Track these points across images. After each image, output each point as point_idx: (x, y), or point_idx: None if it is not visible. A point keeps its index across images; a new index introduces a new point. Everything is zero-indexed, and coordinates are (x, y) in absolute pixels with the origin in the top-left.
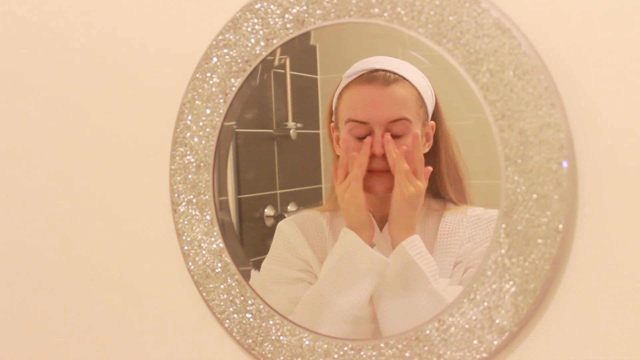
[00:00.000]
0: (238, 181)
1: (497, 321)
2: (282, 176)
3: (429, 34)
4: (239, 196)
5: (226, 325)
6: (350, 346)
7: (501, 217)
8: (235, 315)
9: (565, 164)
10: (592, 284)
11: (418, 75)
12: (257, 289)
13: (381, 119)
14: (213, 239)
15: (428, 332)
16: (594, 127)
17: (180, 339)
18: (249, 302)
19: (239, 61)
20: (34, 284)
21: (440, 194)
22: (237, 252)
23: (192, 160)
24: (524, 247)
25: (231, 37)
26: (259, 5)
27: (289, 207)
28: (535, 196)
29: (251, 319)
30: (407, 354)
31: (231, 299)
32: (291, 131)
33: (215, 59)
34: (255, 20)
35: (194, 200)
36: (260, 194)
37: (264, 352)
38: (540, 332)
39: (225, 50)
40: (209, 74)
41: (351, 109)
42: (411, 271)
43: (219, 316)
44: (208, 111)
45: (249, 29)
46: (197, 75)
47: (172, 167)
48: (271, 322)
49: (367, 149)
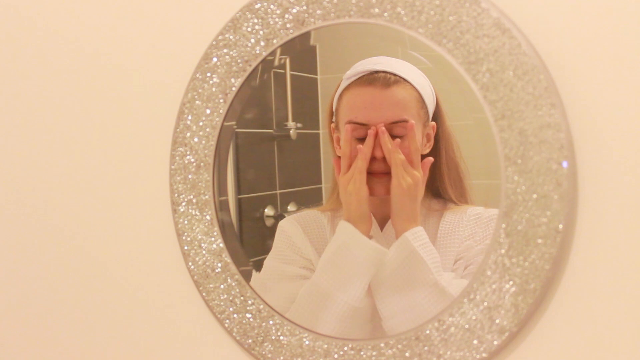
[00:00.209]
0: (238, 181)
1: (497, 321)
2: (282, 176)
3: (429, 34)
4: (239, 196)
5: (226, 325)
6: (350, 346)
7: (501, 217)
8: (235, 315)
9: (565, 164)
10: (592, 284)
11: (419, 76)
12: (257, 289)
13: (381, 121)
14: (213, 239)
15: (428, 332)
16: (594, 127)
17: (180, 339)
18: (249, 302)
19: (239, 61)
20: (33, 283)
21: (441, 194)
22: (237, 252)
23: (192, 160)
24: (524, 247)
25: (231, 37)
26: (259, 5)
27: (289, 207)
28: (535, 196)
29: (251, 319)
30: (407, 354)
31: (231, 299)
32: (291, 131)
33: (215, 59)
34: (255, 20)
35: (194, 200)
36: (260, 194)
37: (264, 352)
38: (540, 332)
39: (225, 50)
40: (209, 74)
41: (351, 110)
42: (414, 262)
43: (219, 316)
44: (208, 111)
45: (249, 29)
46: (197, 75)
47: (172, 167)
48: (271, 322)
49: (372, 140)
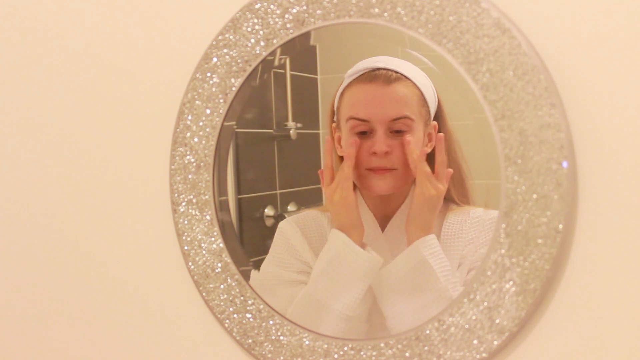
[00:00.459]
0: (238, 181)
1: (497, 321)
2: (282, 176)
3: (429, 34)
4: (239, 196)
5: (226, 325)
6: (350, 346)
7: (501, 217)
8: (235, 315)
9: (565, 164)
10: (592, 284)
11: (420, 75)
12: (257, 289)
13: (383, 117)
14: (213, 239)
15: (428, 332)
16: (594, 127)
17: (180, 339)
18: (249, 302)
19: (239, 61)
20: (33, 283)
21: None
22: (237, 252)
23: (192, 160)
24: (524, 247)
25: (231, 37)
26: (259, 5)
27: (289, 207)
28: (535, 196)
29: (251, 319)
30: (407, 354)
31: (231, 299)
32: (291, 131)
33: (215, 59)
34: (255, 20)
35: (194, 200)
36: (260, 194)
37: (264, 352)
38: (540, 332)
39: (225, 50)
40: (209, 74)
41: (353, 107)
42: (423, 270)
43: (219, 316)
44: (208, 111)
45: (249, 29)
46: (197, 75)
47: (172, 167)
48: (271, 322)
49: (353, 150)
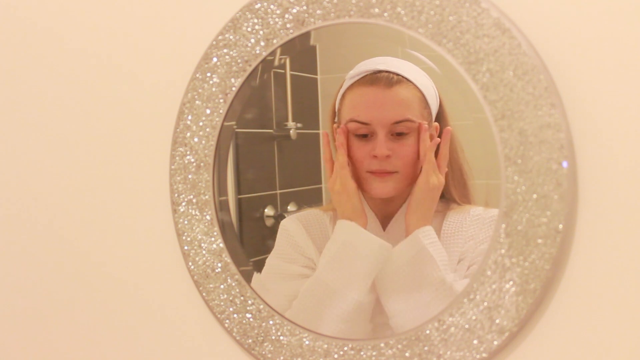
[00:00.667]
0: (238, 181)
1: (497, 321)
2: (282, 176)
3: (429, 34)
4: (239, 196)
5: (226, 325)
6: (350, 346)
7: (501, 217)
8: (235, 315)
9: (565, 164)
10: (592, 284)
11: (422, 77)
12: (257, 289)
13: (384, 120)
14: (213, 239)
15: (428, 332)
16: (594, 127)
17: (180, 339)
18: (249, 302)
19: (239, 61)
20: (33, 283)
21: (444, 195)
22: (237, 252)
23: (192, 160)
24: (524, 247)
25: (231, 37)
26: (259, 5)
27: (289, 207)
28: (535, 196)
29: (251, 319)
30: (407, 354)
31: (231, 299)
32: (291, 131)
33: (215, 59)
34: (255, 20)
35: (194, 200)
36: (260, 194)
37: (264, 352)
38: (540, 332)
39: (225, 50)
40: (209, 74)
41: (354, 109)
42: (423, 259)
43: (219, 316)
44: (208, 111)
45: (249, 29)
46: (197, 75)
47: (172, 167)
48: (271, 322)
49: (344, 135)
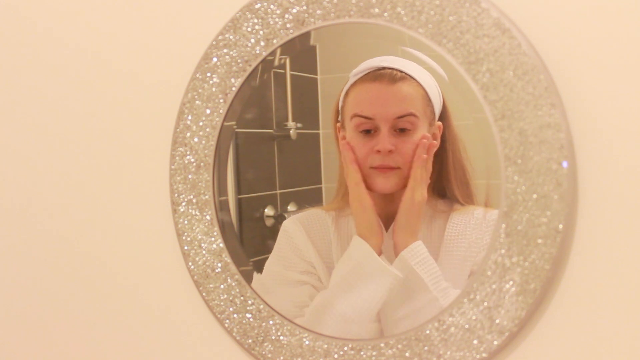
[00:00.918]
0: (238, 181)
1: (497, 321)
2: (282, 176)
3: (429, 34)
4: (239, 196)
5: (226, 325)
6: (350, 346)
7: (501, 217)
8: (235, 315)
9: (565, 164)
10: (592, 284)
11: (425, 75)
12: (257, 289)
13: (387, 116)
14: (213, 239)
15: (428, 332)
16: (594, 127)
17: (180, 339)
18: (249, 302)
19: (239, 61)
20: (33, 283)
21: (447, 195)
22: (237, 252)
23: (192, 160)
24: (524, 247)
25: (231, 37)
26: (259, 5)
27: (289, 207)
28: (535, 196)
29: (251, 319)
30: (407, 354)
31: (231, 299)
32: (291, 131)
33: (215, 59)
34: (255, 20)
35: (194, 200)
36: (260, 194)
37: (264, 352)
38: (540, 332)
39: (225, 50)
40: (209, 74)
41: (357, 105)
42: (412, 281)
43: (219, 316)
44: (208, 111)
45: (249, 29)
46: (197, 75)
47: (172, 167)
48: (271, 322)
49: (350, 154)
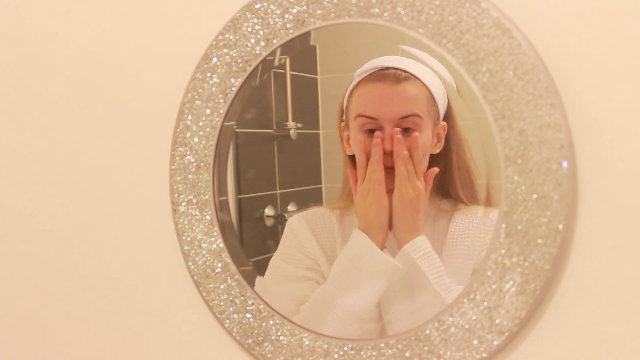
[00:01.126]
0: (238, 181)
1: (497, 321)
2: (282, 176)
3: (429, 34)
4: (239, 196)
5: (226, 325)
6: (350, 346)
7: (501, 217)
8: (235, 315)
9: (565, 164)
10: (592, 284)
11: (430, 75)
12: (260, 291)
13: (391, 116)
14: (213, 239)
15: (428, 332)
16: (594, 127)
17: (180, 339)
18: (249, 302)
19: (239, 61)
20: (33, 283)
21: (451, 195)
22: (237, 252)
23: (192, 160)
24: (524, 247)
25: (231, 37)
26: (259, 5)
27: (289, 207)
28: (535, 196)
29: (251, 319)
30: (407, 354)
31: (231, 299)
32: (291, 131)
33: (215, 59)
34: (255, 20)
35: (194, 200)
36: (260, 194)
37: (264, 352)
38: (540, 332)
39: (225, 50)
40: (209, 74)
41: (361, 105)
42: (414, 275)
43: (219, 316)
44: (208, 111)
45: (249, 29)
46: (197, 75)
47: (172, 167)
48: (271, 322)
49: (380, 149)
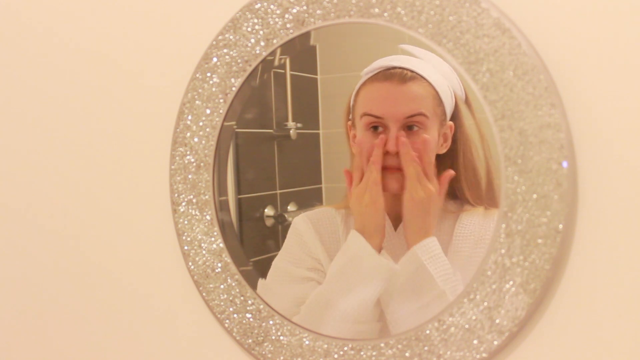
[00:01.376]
0: (238, 181)
1: (497, 321)
2: (282, 176)
3: (429, 34)
4: (239, 196)
5: (226, 325)
6: (350, 346)
7: (501, 217)
8: (235, 315)
9: (565, 164)
10: (592, 284)
11: (437, 75)
12: (262, 292)
13: (397, 115)
14: (213, 239)
15: (428, 332)
16: (594, 127)
17: (180, 339)
18: (249, 302)
19: (239, 61)
20: (33, 283)
21: (457, 196)
22: (237, 252)
23: (192, 160)
24: (524, 247)
25: (231, 37)
26: (259, 5)
27: (289, 207)
28: (535, 196)
29: (251, 319)
30: (407, 354)
31: (231, 299)
32: (291, 131)
33: (215, 59)
34: (255, 20)
35: (194, 200)
36: (260, 194)
37: (264, 352)
38: (540, 332)
39: (225, 50)
40: (209, 74)
41: (367, 103)
42: (421, 276)
43: (219, 316)
44: (208, 111)
45: (249, 29)
46: (197, 75)
47: (172, 167)
48: (271, 322)
49: (380, 150)
